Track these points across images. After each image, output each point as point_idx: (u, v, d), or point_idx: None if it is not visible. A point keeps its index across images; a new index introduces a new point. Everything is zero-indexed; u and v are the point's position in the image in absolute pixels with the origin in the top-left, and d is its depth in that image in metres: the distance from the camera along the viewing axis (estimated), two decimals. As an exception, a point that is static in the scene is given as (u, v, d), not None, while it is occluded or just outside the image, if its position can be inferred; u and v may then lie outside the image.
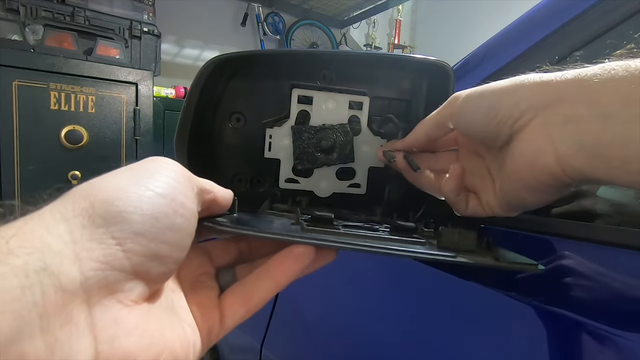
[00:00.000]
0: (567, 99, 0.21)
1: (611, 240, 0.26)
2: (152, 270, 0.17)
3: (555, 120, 0.21)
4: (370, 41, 2.77)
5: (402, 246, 0.25)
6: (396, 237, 0.26)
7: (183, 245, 0.19)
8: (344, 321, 0.42)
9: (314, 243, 0.23)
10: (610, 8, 0.35)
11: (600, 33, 0.36)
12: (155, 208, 0.17)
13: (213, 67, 0.32)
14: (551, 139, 0.21)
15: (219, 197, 0.23)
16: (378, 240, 0.25)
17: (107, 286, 0.16)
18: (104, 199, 0.16)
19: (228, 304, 0.23)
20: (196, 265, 0.24)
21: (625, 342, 0.22)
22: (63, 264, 0.14)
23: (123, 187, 0.17)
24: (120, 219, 0.16)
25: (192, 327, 0.21)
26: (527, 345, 0.27)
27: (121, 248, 0.16)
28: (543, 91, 0.22)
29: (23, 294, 0.13)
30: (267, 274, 0.23)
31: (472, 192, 0.30)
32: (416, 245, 0.25)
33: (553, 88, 0.22)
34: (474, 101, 0.26)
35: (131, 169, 0.19)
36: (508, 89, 0.24)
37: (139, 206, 0.17)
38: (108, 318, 0.15)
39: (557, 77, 0.22)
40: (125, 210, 0.16)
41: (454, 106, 0.28)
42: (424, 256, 0.24)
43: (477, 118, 0.26)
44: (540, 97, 0.22)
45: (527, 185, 0.23)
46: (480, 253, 0.25)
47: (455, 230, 0.26)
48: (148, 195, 0.17)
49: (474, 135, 0.28)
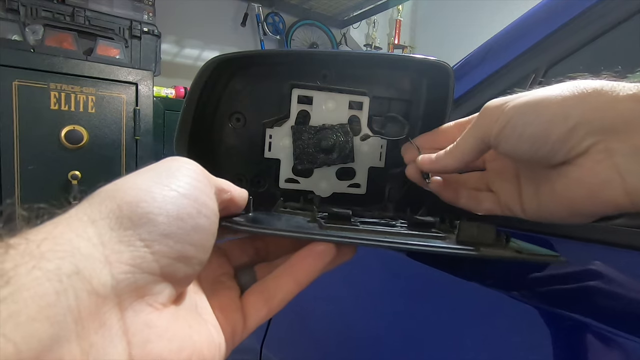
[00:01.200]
0: (634, 127, 0.19)
1: (611, 240, 0.26)
2: (178, 272, 0.17)
3: (621, 149, 0.20)
4: (370, 41, 2.77)
5: (423, 241, 0.24)
6: (415, 233, 0.26)
7: (207, 246, 0.19)
8: (345, 321, 0.42)
9: (335, 240, 0.23)
10: (610, 8, 0.35)
11: (600, 33, 0.36)
12: (180, 209, 0.17)
13: (213, 67, 0.32)
14: (618, 170, 0.20)
15: (236, 197, 0.23)
16: (398, 236, 0.25)
17: (137, 289, 0.15)
18: (130, 201, 0.16)
19: (250, 303, 0.23)
20: (215, 266, 0.24)
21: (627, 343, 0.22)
22: (94, 268, 0.14)
23: (147, 188, 0.17)
24: (146, 220, 0.16)
25: (216, 328, 0.20)
26: (528, 345, 0.27)
27: (149, 250, 0.16)
28: (602, 115, 0.20)
29: (58, 300, 0.13)
30: (289, 272, 0.23)
31: (489, 191, 0.29)
32: (436, 240, 0.25)
33: (613, 112, 0.20)
34: (519, 123, 0.23)
35: (153, 169, 0.19)
36: (558, 111, 0.21)
37: (164, 207, 0.17)
38: (140, 322, 0.15)
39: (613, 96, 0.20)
40: (151, 212, 0.16)
41: (494, 123, 0.24)
42: (447, 251, 0.24)
43: (522, 144, 0.23)
44: (601, 122, 0.20)
45: (576, 212, 0.22)
46: (500, 246, 0.25)
47: (474, 224, 0.26)
48: (172, 195, 0.17)
49: (517, 158, 0.25)
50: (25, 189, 1.33)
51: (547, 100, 0.22)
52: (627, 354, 0.22)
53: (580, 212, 0.22)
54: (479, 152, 0.26)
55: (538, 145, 0.22)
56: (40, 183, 1.34)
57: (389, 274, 0.40)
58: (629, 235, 0.26)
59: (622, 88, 0.20)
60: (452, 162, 0.28)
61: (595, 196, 0.21)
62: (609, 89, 0.20)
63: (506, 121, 0.23)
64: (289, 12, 2.43)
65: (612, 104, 0.20)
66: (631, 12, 0.33)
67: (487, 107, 0.25)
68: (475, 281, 0.31)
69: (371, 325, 0.39)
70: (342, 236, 0.23)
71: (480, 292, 0.31)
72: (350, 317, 0.42)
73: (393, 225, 0.28)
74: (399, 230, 0.26)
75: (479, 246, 0.24)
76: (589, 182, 0.21)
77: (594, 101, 0.20)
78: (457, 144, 0.28)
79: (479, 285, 0.31)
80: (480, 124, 0.25)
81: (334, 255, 0.23)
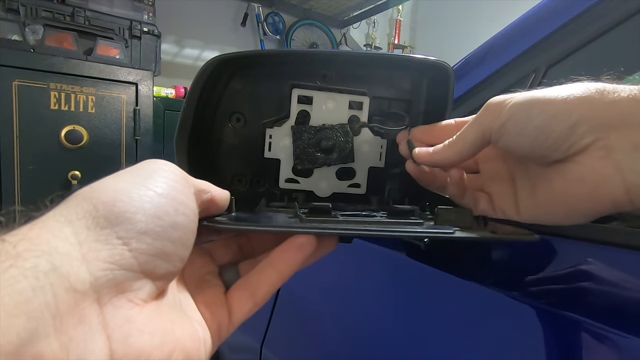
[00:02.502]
0: (633, 124, 0.19)
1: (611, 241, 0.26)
2: (159, 268, 0.17)
3: (621, 147, 0.20)
4: (370, 41, 2.77)
5: (400, 228, 0.25)
6: (394, 220, 0.26)
7: (187, 242, 0.19)
8: (345, 321, 0.42)
9: (313, 232, 0.23)
10: (610, 8, 0.35)
11: (600, 33, 0.36)
12: (157, 207, 0.17)
13: (213, 67, 0.32)
14: (618, 167, 0.20)
15: (216, 197, 0.23)
16: (376, 225, 0.25)
17: (117, 286, 0.16)
18: (106, 201, 0.16)
19: (235, 299, 0.23)
20: (199, 266, 0.24)
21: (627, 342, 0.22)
22: (72, 265, 0.14)
23: (124, 189, 0.17)
24: (123, 219, 0.16)
25: (201, 324, 0.21)
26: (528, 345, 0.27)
27: (127, 247, 0.16)
28: (604, 114, 0.20)
29: (35, 295, 0.13)
30: (271, 266, 0.23)
31: (485, 193, 0.29)
32: (414, 226, 0.25)
33: (614, 111, 0.20)
34: (522, 118, 0.23)
35: (130, 171, 0.19)
36: (561, 108, 0.21)
37: (141, 206, 0.17)
38: (120, 317, 0.16)
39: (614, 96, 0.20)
40: (128, 211, 0.16)
41: (496, 118, 0.24)
42: (421, 234, 0.24)
43: (524, 139, 0.23)
44: (602, 119, 0.20)
45: (574, 211, 0.22)
46: (478, 229, 0.25)
47: (451, 209, 0.26)
48: (149, 195, 0.18)
49: (517, 154, 0.25)
50: (25, 189, 1.33)
51: (550, 97, 0.22)
52: (627, 354, 0.22)
53: (578, 211, 0.22)
54: (478, 146, 0.27)
55: (540, 141, 0.22)
56: (40, 183, 1.34)
57: (388, 274, 0.40)
58: (628, 235, 0.26)
59: (624, 89, 0.20)
60: (450, 155, 0.28)
61: (594, 193, 0.21)
62: (611, 89, 0.20)
63: (508, 117, 0.24)
64: (289, 12, 2.43)
65: (613, 103, 0.20)
66: (631, 12, 0.33)
67: (489, 103, 0.25)
68: (474, 281, 0.31)
69: (371, 325, 0.39)
70: (322, 228, 0.24)
71: (480, 291, 0.31)
72: (350, 317, 0.42)
73: (373, 215, 0.29)
74: (378, 220, 0.27)
75: (456, 229, 0.24)
76: (589, 180, 0.21)
77: (595, 100, 0.21)
78: (457, 138, 0.28)
79: (478, 285, 0.31)
80: (482, 119, 0.26)
81: (315, 247, 0.24)
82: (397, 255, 0.39)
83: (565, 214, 0.23)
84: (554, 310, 0.26)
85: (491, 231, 0.25)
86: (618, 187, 0.20)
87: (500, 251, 0.32)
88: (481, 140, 0.26)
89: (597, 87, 0.21)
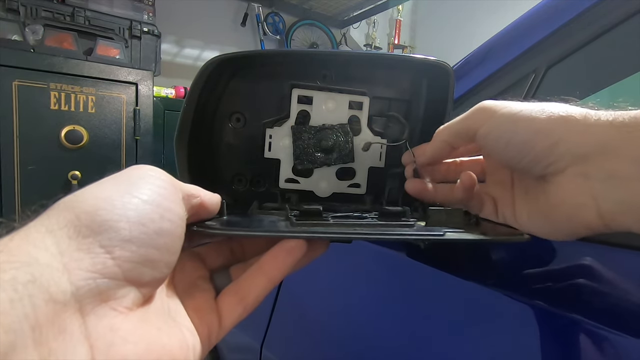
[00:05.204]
0: (609, 152, 0.20)
1: (611, 241, 0.26)
2: (144, 275, 0.17)
3: (596, 174, 0.20)
4: (370, 41, 2.77)
5: (390, 230, 0.25)
6: (384, 222, 0.26)
7: (173, 249, 0.19)
8: (344, 321, 0.42)
9: (302, 236, 0.23)
10: (610, 8, 0.35)
11: (600, 33, 0.36)
12: (141, 214, 0.17)
13: (213, 67, 0.32)
14: (592, 194, 0.20)
15: (206, 201, 0.23)
16: (366, 227, 0.25)
17: (100, 294, 0.16)
18: (88, 210, 0.16)
19: (225, 304, 0.23)
20: (190, 270, 0.24)
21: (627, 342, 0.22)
22: (52, 276, 0.14)
23: (107, 197, 0.17)
24: (106, 227, 0.16)
25: (190, 330, 0.21)
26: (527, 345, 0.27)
27: (110, 256, 0.16)
28: (583, 140, 0.21)
29: (12, 307, 0.13)
30: (261, 271, 0.23)
31: (490, 197, 0.29)
32: (404, 228, 0.25)
33: (593, 137, 0.21)
34: (506, 130, 0.24)
35: (114, 178, 0.19)
36: (544, 127, 0.22)
37: (125, 214, 0.17)
38: (103, 326, 0.15)
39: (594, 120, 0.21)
40: (111, 219, 0.16)
41: (481, 123, 0.26)
42: (410, 237, 0.24)
43: (508, 151, 0.24)
44: (580, 143, 0.21)
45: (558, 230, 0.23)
46: (469, 230, 0.25)
47: (442, 209, 0.26)
48: (133, 202, 0.17)
49: (505, 164, 0.26)
50: (25, 189, 1.33)
51: (534, 114, 0.23)
52: (627, 354, 0.22)
53: (561, 231, 0.23)
54: (460, 138, 0.28)
55: (524, 153, 0.23)
56: (40, 183, 1.35)
57: (388, 274, 0.40)
58: (628, 235, 0.26)
59: (604, 114, 0.21)
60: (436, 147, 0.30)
61: (571, 216, 0.22)
62: (592, 115, 0.21)
63: (496, 126, 0.25)
64: (289, 12, 2.43)
65: (591, 127, 0.21)
66: (631, 12, 0.33)
67: (482, 105, 0.26)
68: (474, 280, 0.31)
69: (371, 325, 0.39)
70: (311, 231, 0.24)
71: (480, 291, 0.31)
72: (349, 317, 0.42)
73: (364, 217, 0.29)
74: (369, 222, 0.27)
75: (447, 231, 0.24)
76: (566, 203, 0.22)
77: (575, 124, 0.21)
78: (442, 127, 0.29)
79: (478, 285, 0.31)
80: (472, 117, 0.27)
81: (305, 250, 0.24)
82: (397, 255, 0.39)
83: (549, 232, 0.24)
84: (554, 310, 0.26)
85: (482, 232, 0.25)
86: (592, 213, 0.21)
87: (499, 251, 0.32)
88: (465, 133, 0.27)
89: (580, 111, 0.22)
